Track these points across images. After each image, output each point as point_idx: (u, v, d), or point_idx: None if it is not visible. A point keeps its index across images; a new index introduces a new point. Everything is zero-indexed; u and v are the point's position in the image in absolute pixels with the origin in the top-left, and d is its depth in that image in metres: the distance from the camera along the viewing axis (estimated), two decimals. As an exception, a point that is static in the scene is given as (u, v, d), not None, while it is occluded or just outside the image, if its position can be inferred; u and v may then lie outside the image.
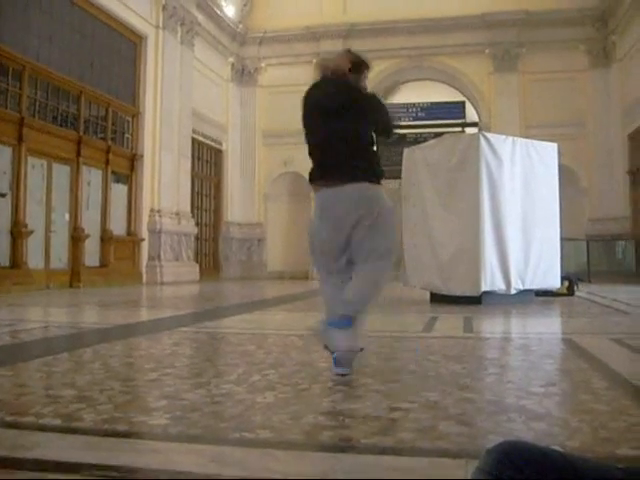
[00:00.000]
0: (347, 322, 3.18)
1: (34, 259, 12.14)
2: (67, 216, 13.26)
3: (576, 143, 19.14)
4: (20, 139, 11.81)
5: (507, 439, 1.26)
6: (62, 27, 13.37)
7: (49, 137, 12.70)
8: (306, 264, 19.54)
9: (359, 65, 3.55)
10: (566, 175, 12.98)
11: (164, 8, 16.74)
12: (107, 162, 14.59)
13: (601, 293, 11.34)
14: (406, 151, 9.91)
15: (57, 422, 2.35)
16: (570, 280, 10.58)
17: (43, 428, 2.28)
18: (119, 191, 15.29)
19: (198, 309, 8.94)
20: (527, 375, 3.47)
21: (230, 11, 20.90)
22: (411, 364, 3.75)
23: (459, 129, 20.90)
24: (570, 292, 10.49)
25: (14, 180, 11.70)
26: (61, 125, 13.32)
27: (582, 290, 11.34)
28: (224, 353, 4.51)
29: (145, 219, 15.98)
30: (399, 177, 10.18)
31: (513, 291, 8.64)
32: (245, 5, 21.85)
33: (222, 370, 3.59)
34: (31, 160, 12.20)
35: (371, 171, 3.37)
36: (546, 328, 6.58)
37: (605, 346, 4.63)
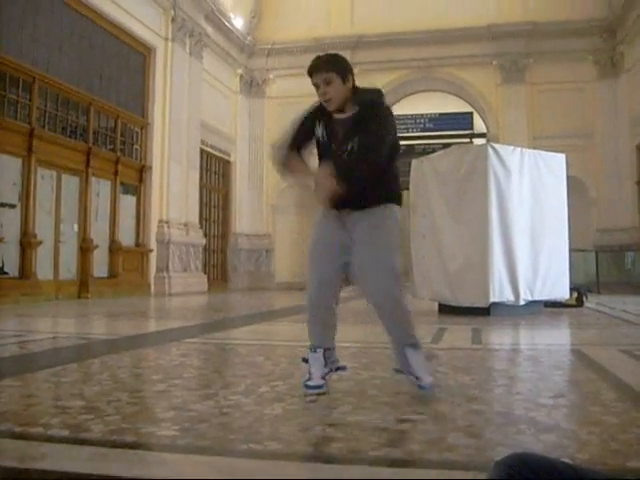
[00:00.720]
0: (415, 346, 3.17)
1: (43, 270, 12.18)
2: (76, 227, 13.30)
3: (584, 154, 19.10)
4: (30, 150, 11.87)
5: (516, 451, 1.25)
6: (72, 39, 13.47)
7: (59, 148, 12.76)
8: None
9: None
10: (574, 186, 12.95)
11: (173, 20, 16.85)
12: (116, 173, 14.65)
13: (610, 304, 11.30)
14: (414, 162, 9.92)
15: (65, 433, 2.36)
16: (579, 291, 10.54)
17: (51, 439, 2.28)
18: (128, 202, 15.34)
19: (206, 320, 8.94)
20: (536, 386, 3.45)
21: (238, 23, 21.01)
22: (419, 375, 3.73)
23: (467, 140, 20.92)
24: (579, 303, 10.44)
25: (24, 191, 11.75)
26: (70, 136, 13.39)
27: (591, 301, 11.29)
28: (232, 364, 4.51)
29: (154, 230, 16.02)
30: (407, 188, 10.18)
31: (522, 302, 8.61)
32: (253, 17, 21.96)
33: (230, 381, 3.58)
34: (40, 171, 12.26)
35: None
36: (555, 339, 6.55)
37: (614, 357, 4.60)
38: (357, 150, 3.09)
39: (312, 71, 3.18)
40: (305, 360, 3.30)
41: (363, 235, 3.16)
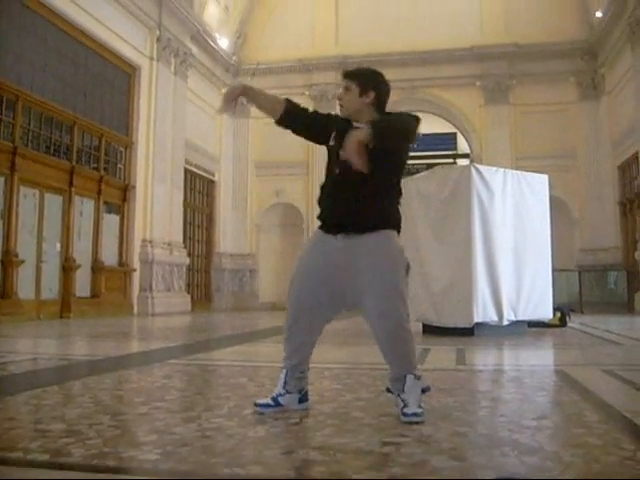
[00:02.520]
0: (417, 376, 3.12)
1: (24, 289, 12.07)
2: (58, 246, 13.22)
3: (567, 174, 19.31)
4: (13, 168, 11.82)
5: (500, 475, 1.25)
6: (56, 57, 13.48)
7: (42, 167, 12.72)
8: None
9: None
10: (557, 206, 13.06)
11: (158, 39, 16.91)
12: (99, 192, 14.60)
13: (593, 324, 11.35)
14: (398, 182, 9.95)
15: (45, 457, 2.32)
16: (562, 311, 10.59)
17: (31, 464, 2.25)
18: (111, 221, 15.29)
19: (189, 341, 8.88)
20: (520, 408, 3.45)
21: (224, 43, 21.11)
22: (403, 397, 3.72)
23: (451, 160, 21.09)
24: (562, 323, 10.49)
25: (6, 209, 11.69)
26: (54, 155, 13.36)
27: (574, 321, 11.35)
28: (215, 386, 4.48)
29: (137, 249, 15.96)
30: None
31: (505, 322, 8.64)
32: (239, 37, 22.09)
33: (213, 403, 3.56)
34: (23, 189, 12.19)
35: None
36: (538, 360, 6.56)
37: (597, 378, 4.62)
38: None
39: (343, 76, 3.33)
40: None
41: (367, 262, 3.08)
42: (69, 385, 4.26)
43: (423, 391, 3.11)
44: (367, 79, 3.27)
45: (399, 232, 3.25)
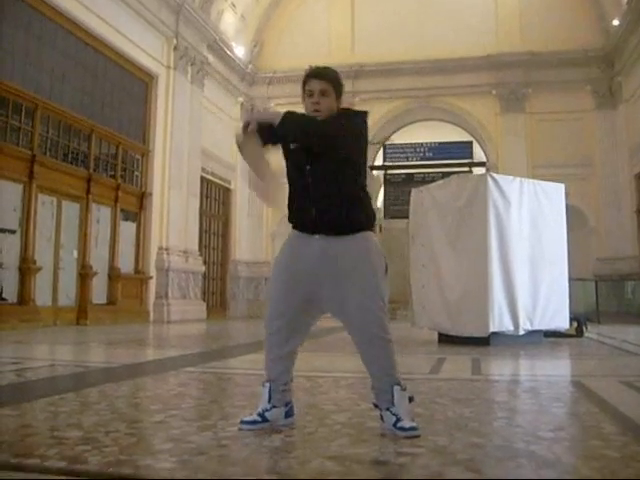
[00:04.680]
0: (402, 386, 2.99)
1: (42, 296, 12.16)
2: (75, 253, 13.31)
3: (583, 183, 19.19)
4: (31, 176, 11.93)
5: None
6: (75, 66, 13.61)
7: (60, 175, 12.82)
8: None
9: None
10: (574, 215, 12.97)
11: (175, 48, 17.03)
12: (116, 200, 14.69)
13: (610, 334, 11.26)
14: (414, 191, 9.96)
15: (62, 465, 2.33)
16: (579, 321, 10.52)
17: (48, 470, 2.26)
18: (128, 229, 15.37)
19: (205, 349, 8.90)
20: (536, 419, 3.42)
21: (240, 52, 21.21)
22: (418, 407, 3.71)
23: (467, 169, 21.01)
24: (579, 333, 10.42)
25: (24, 217, 11.78)
26: (72, 163, 13.46)
27: (591, 331, 11.26)
28: (231, 394, 4.48)
29: (153, 257, 16.03)
30: (407, 217, 10.21)
31: (521, 332, 8.59)
32: (255, 46, 22.19)
33: (229, 412, 3.56)
34: (41, 197, 12.30)
35: None
36: (555, 370, 6.52)
37: (615, 389, 4.58)
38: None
39: (314, 76, 3.11)
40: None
41: (346, 267, 2.97)
42: (86, 392, 4.28)
43: (410, 401, 3.00)
44: (339, 82, 3.14)
45: (374, 230, 3.15)
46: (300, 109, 3.16)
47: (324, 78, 3.10)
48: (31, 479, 2.18)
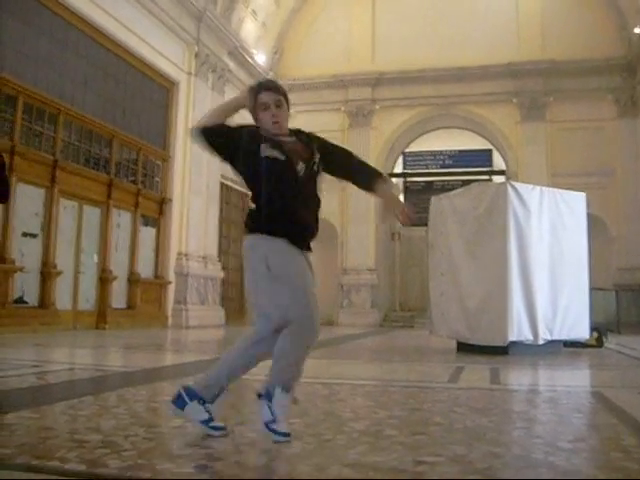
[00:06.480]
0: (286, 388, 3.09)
1: (62, 300, 12.26)
2: (96, 257, 13.41)
3: (604, 192, 19.04)
4: (53, 181, 12.05)
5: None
6: (97, 72, 13.74)
7: (81, 179, 12.94)
8: (331, 309, 19.52)
9: None
10: (594, 224, 12.89)
11: (197, 55, 17.14)
12: (137, 205, 14.80)
13: (631, 345, 11.15)
14: (433, 199, 9.94)
15: (82, 468, 2.35)
16: (599, 331, 10.42)
17: (68, 473, 2.28)
18: (148, 234, 15.46)
19: (223, 354, 8.91)
20: (555, 430, 3.40)
21: (261, 59, 21.30)
22: (437, 416, 3.70)
23: (486, 177, 20.95)
24: (599, 343, 10.32)
25: (45, 221, 11.90)
26: (93, 168, 13.58)
27: (611, 341, 11.16)
28: (248, 400, 4.48)
29: (172, 262, 16.10)
30: (426, 224, 10.20)
31: (541, 341, 8.53)
32: (275, 53, 22.29)
33: (247, 418, 3.57)
34: (63, 202, 12.42)
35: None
36: (574, 381, 6.47)
37: (635, 400, 4.54)
38: (344, 162, 3.19)
39: (269, 88, 3.21)
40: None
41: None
42: (105, 396, 4.31)
43: (292, 402, 2.99)
44: (287, 95, 3.27)
45: None
46: (317, 117, 3.23)
47: (278, 91, 3.22)
48: (51, 481, 2.20)
